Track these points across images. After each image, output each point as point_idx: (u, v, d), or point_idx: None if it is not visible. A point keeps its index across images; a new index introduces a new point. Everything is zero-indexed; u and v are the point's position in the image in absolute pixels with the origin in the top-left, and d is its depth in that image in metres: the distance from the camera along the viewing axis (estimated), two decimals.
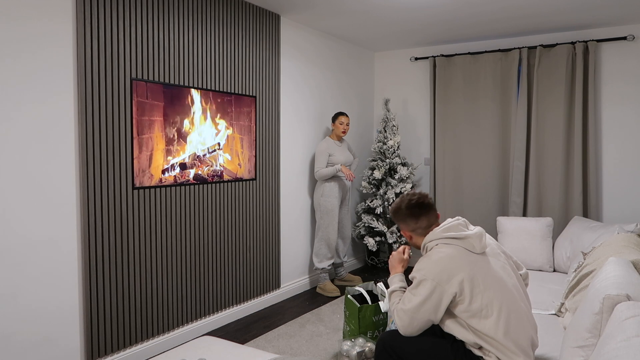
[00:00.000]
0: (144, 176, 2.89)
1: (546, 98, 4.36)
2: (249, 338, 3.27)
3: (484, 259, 1.91)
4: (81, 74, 2.54)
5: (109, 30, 2.67)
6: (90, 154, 2.61)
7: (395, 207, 2.09)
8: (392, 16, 3.89)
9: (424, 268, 1.88)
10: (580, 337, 1.63)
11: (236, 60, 3.52)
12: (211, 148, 3.33)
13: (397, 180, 4.72)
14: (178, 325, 3.17)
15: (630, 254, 2.31)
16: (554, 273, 3.56)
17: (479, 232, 1.94)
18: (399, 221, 2.09)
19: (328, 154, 4.18)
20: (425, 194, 2.08)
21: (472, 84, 4.71)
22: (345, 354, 2.72)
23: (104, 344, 2.73)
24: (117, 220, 2.76)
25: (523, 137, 4.40)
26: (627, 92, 4.14)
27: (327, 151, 4.19)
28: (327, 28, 4.32)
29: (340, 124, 4.25)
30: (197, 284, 3.29)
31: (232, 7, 3.45)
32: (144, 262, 2.93)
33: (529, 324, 1.88)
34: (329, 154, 4.19)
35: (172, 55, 3.03)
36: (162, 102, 2.98)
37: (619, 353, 1.21)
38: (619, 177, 4.19)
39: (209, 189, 3.34)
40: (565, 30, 4.33)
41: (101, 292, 2.70)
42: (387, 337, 2.00)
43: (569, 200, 4.29)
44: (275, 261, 4.00)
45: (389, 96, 5.35)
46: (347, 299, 3.02)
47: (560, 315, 2.58)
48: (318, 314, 3.72)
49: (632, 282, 1.72)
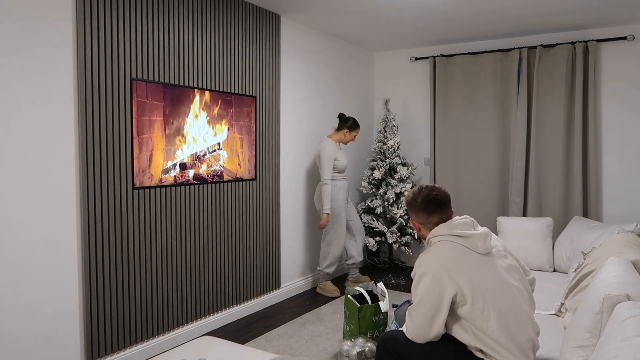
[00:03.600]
0: (144, 176, 2.89)
1: (546, 98, 4.36)
2: (249, 338, 3.27)
3: (487, 260, 1.90)
4: (81, 73, 2.54)
5: (109, 30, 2.67)
6: (90, 154, 2.61)
7: (411, 198, 2.05)
8: (392, 16, 3.89)
9: (424, 263, 1.88)
10: (580, 337, 1.63)
11: (236, 60, 3.52)
12: (211, 148, 3.33)
13: (397, 180, 4.72)
14: (178, 325, 3.17)
15: (630, 254, 2.31)
16: (554, 273, 3.56)
17: (484, 233, 1.94)
18: (412, 212, 2.06)
19: (334, 159, 4.05)
20: (444, 191, 2.02)
21: (472, 84, 4.71)
22: (345, 354, 2.72)
23: (104, 344, 2.73)
24: (117, 220, 2.76)
25: (523, 137, 4.40)
26: (627, 92, 4.14)
27: (334, 155, 4.04)
28: (327, 28, 4.32)
29: (354, 136, 4.18)
30: (197, 284, 3.29)
31: (232, 7, 3.45)
32: (144, 262, 2.93)
33: (531, 325, 1.88)
34: (334, 159, 4.06)
35: (172, 55, 3.03)
36: (162, 102, 2.98)
37: (619, 353, 1.21)
38: (619, 177, 4.19)
39: (209, 189, 3.34)
40: (565, 30, 4.33)
41: (101, 292, 2.70)
42: (388, 338, 2.00)
43: (569, 200, 4.29)
44: (275, 261, 4.00)
45: (389, 96, 5.35)
46: (347, 299, 3.02)
47: (560, 315, 2.58)
48: (318, 314, 3.72)
49: (632, 282, 1.72)
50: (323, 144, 4.07)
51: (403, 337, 1.95)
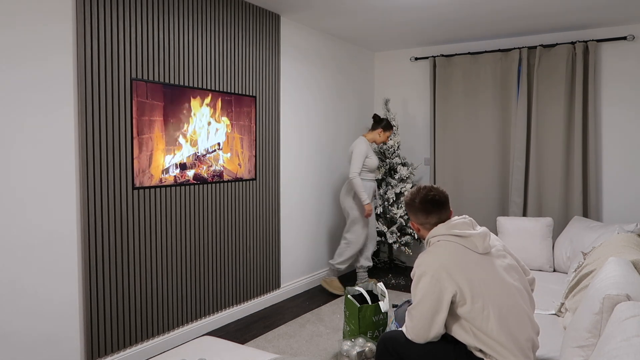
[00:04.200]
0: (144, 176, 2.89)
1: (546, 98, 4.36)
2: (249, 338, 3.27)
3: (486, 259, 1.90)
4: (81, 74, 2.54)
5: (109, 30, 2.67)
6: (90, 154, 2.61)
7: (410, 199, 2.06)
8: (392, 16, 3.89)
9: (423, 263, 1.88)
10: (580, 337, 1.63)
11: (236, 60, 3.52)
12: (211, 148, 3.33)
13: (397, 180, 4.72)
14: (178, 325, 3.17)
15: (630, 254, 2.31)
16: (554, 273, 3.56)
17: (483, 232, 1.94)
18: (410, 213, 2.07)
19: (365, 156, 4.10)
20: (442, 191, 2.03)
21: (472, 84, 4.71)
22: (345, 354, 2.72)
23: (104, 344, 2.73)
24: (117, 220, 2.76)
25: (523, 137, 4.40)
26: (627, 92, 4.14)
27: (366, 153, 4.09)
28: (327, 28, 4.32)
29: (387, 136, 4.26)
30: (197, 284, 3.29)
31: (232, 7, 3.45)
32: (144, 262, 2.93)
33: (531, 325, 1.88)
34: (365, 156, 4.10)
35: (172, 55, 3.03)
36: (162, 102, 2.98)
37: (619, 353, 1.21)
38: (619, 177, 4.20)
39: (209, 189, 3.34)
40: (565, 30, 4.33)
41: (101, 292, 2.70)
42: (388, 338, 2.00)
43: (569, 200, 4.29)
44: (275, 261, 4.00)
45: (389, 96, 5.35)
46: (347, 299, 3.02)
47: (560, 315, 2.58)
48: (318, 314, 3.73)
49: (632, 282, 1.72)
50: (357, 140, 4.18)
51: (403, 337, 1.95)
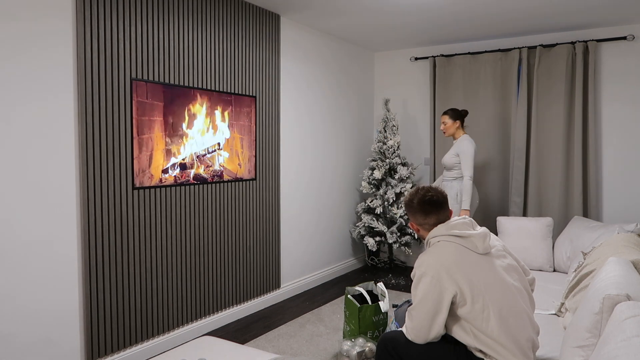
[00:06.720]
0: (144, 176, 2.89)
1: (546, 98, 4.36)
2: (249, 338, 3.27)
3: (486, 260, 1.90)
4: (81, 73, 2.54)
5: (109, 30, 2.67)
6: (90, 154, 2.61)
7: (408, 199, 2.07)
8: (392, 16, 3.89)
9: (423, 263, 1.88)
10: (580, 337, 1.63)
11: (236, 60, 3.52)
12: (211, 148, 3.33)
13: (397, 180, 4.72)
14: (178, 325, 3.17)
15: (630, 254, 2.31)
16: (554, 273, 3.56)
17: (483, 233, 1.94)
18: (409, 214, 2.07)
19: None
20: (440, 192, 2.03)
21: (472, 83, 4.71)
22: (345, 354, 2.72)
23: (104, 344, 2.73)
24: (117, 220, 2.76)
25: (523, 137, 4.40)
26: (627, 92, 4.13)
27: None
28: (327, 28, 4.32)
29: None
30: (197, 284, 3.29)
31: (232, 7, 3.45)
32: (144, 262, 2.93)
33: (531, 325, 1.88)
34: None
35: (172, 55, 3.03)
36: (162, 102, 2.98)
37: (619, 353, 1.21)
38: (619, 177, 4.19)
39: (209, 189, 3.34)
40: (565, 30, 4.33)
41: (101, 292, 2.70)
42: (388, 338, 2.00)
43: (569, 200, 4.29)
44: (275, 261, 4.00)
45: (389, 96, 5.35)
46: (347, 299, 3.02)
47: (560, 315, 2.58)
48: (318, 314, 3.73)
49: (632, 282, 1.72)
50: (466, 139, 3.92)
51: (403, 338, 1.95)
